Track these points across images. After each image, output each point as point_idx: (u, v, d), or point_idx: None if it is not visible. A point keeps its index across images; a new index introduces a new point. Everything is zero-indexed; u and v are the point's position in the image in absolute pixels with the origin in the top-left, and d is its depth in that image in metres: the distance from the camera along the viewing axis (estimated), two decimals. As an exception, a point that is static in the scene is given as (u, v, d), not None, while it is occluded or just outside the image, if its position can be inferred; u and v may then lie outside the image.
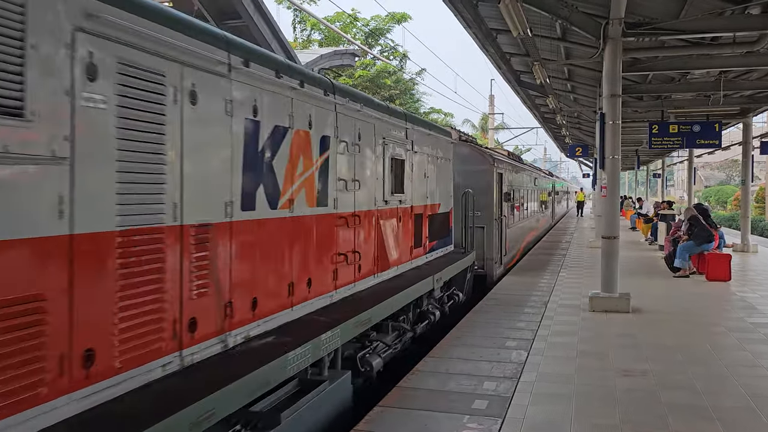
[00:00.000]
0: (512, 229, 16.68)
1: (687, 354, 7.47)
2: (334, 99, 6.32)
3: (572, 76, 17.28)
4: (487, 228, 13.16)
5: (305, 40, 34.16)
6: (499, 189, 14.17)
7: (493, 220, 13.40)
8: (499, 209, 14.27)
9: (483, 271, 13.16)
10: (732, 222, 34.96)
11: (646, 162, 43.37)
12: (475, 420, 5.34)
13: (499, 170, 14.27)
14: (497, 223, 13.95)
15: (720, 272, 13.18)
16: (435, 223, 10.07)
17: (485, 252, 13.26)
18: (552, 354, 7.45)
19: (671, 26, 10.42)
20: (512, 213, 16.76)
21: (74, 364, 3.12)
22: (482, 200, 12.79)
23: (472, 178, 12.62)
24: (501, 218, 14.36)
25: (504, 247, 14.97)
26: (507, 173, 15.61)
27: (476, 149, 14.21)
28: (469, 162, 13.11)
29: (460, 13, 11.49)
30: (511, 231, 16.48)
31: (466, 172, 12.63)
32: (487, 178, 13.36)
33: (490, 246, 13.39)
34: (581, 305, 10.38)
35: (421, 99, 40.12)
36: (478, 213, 12.26)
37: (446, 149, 11.00)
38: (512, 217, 16.77)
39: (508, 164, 16.24)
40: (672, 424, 5.24)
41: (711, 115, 18.17)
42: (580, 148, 29.28)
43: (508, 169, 15.83)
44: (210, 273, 4.28)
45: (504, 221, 14.75)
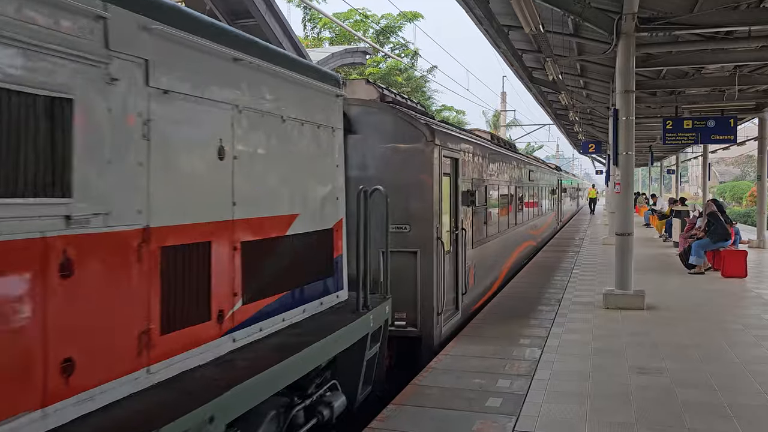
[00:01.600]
0: (482, 248, 10.67)
1: (703, 351, 7.40)
2: None
3: (585, 72, 17.18)
4: (422, 254, 7.52)
5: (315, 38, 34.21)
6: (453, 185, 8.64)
7: (434, 240, 7.59)
8: (454, 219, 8.69)
9: (416, 330, 7.53)
10: (747, 218, 34.65)
11: (660, 158, 43.01)
12: (490, 418, 5.33)
13: (449, 153, 8.41)
14: (447, 244, 8.31)
15: (736, 269, 13.05)
16: (281, 256, 4.81)
17: (419, 296, 7.52)
18: (566, 351, 7.42)
19: (685, 21, 10.32)
20: (483, 223, 10.83)
21: None
22: (412, 205, 7.51)
23: (396, 167, 7.53)
24: (457, 234, 8.76)
25: (465, 281, 9.14)
26: (469, 160, 9.64)
27: (403, 117, 7.75)
28: (391, 138, 7.63)
29: (471, 10, 11.44)
30: (481, 252, 10.48)
31: (386, 157, 7.57)
32: (420, 167, 7.58)
33: (429, 285, 7.55)
34: (595, 302, 10.32)
35: (433, 96, 40.07)
36: (403, 227, 7.48)
37: (326, 110, 5.58)
38: (482, 229, 10.75)
39: (470, 146, 9.88)
40: (688, 423, 5.20)
41: (726, 111, 17.98)
42: (594, 145, 29.17)
43: (470, 154, 9.77)
44: None
45: (464, 238, 9.04)
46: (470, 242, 9.53)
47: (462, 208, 8.99)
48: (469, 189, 9.43)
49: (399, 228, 7.42)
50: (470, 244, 9.53)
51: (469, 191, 9.37)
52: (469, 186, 9.50)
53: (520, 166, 16.16)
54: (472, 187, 9.73)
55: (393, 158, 7.59)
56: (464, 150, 9.33)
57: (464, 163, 9.23)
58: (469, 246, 9.42)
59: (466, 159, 9.36)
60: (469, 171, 9.66)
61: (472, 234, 9.67)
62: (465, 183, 9.27)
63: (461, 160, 9.01)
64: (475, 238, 9.94)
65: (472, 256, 9.66)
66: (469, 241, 9.46)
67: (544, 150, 76.45)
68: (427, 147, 7.60)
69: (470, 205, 9.40)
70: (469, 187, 9.49)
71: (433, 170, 7.61)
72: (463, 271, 9.05)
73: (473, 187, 9.78)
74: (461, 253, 8.92)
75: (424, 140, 7.59)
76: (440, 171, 7.81)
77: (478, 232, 10.40)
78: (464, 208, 9.13)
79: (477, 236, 10.16)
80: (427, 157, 7.60)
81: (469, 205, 9.32)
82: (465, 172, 9.29)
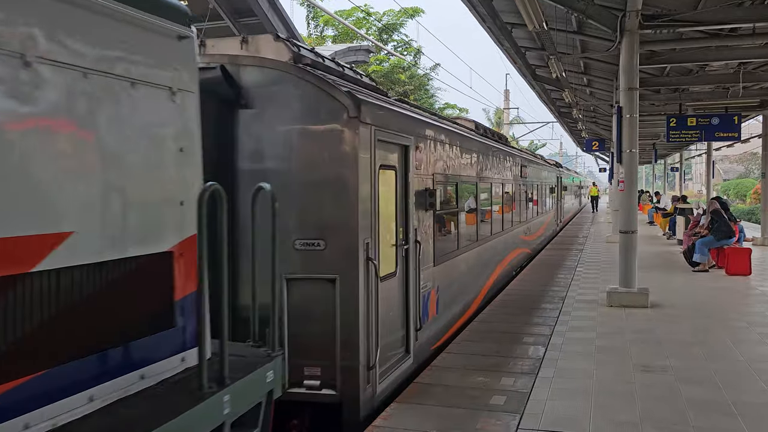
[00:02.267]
0: (451, 264, 8.34)
1: (707, 349, 7.39)
2: None
3: (588, 69, 17.13)
4: (343, 281, 5.31)
5: (318, 36, 34.21)
6: (401, 183, 6.42)
7: (362, 260, 5.39)
8: (403, 229, 6.47)
9: (333, 393, 5.35)
10: (752, 215, 34.58)
11: (664, 156, 42.91)
12: (494, 416, 5.33)
13: (394, 139, 6.20)
14: (391, 263, 6.21)
15: (740, 266, 13.02)
16: (30, 306, 2.67)
17: (338, 344, 5.33)
18: (570, 349, 7.41)
19: (689, 18, 10.28)
20: (452, 231, 8.74)
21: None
22: (328, 211, 5.37)
23: (305, 157, 5.41)
24: (407, 249, 6.51)
25: (421, 313, 6.82)
26: (431, 150, 7.45)
27: (316, 83, 5.46)
28: (299, 114, 5.45)
29: (474, 8, 11.41)
30: (449, 269, 8.20)
31: (291, 142, 5.45)
32: (339, 156, 5.37)
33: (352, 327, 5.35)
34: (599, 300, 10.30)
35: (436, 94, 40.05)
36: (315, 244, 5.32)
37: (154, 58, 3.44)
38: (452, 239, 8.61)
39: (433, 132, 7.67)
40: (693, 420, 5.19)
41: (730, 108, 17.89)
42: (597, 142, 29.08)
43: (433, 143, 7.57)
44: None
45: (419, 254, 6.71)
46: (430, 258, 7.20)
47: (416, 213, 6.64)
48: (429, 188, 7.09)
49: (309, 244, 5.23)
50: (430, 260, 7.20)
51: (429, 191, 7.03)
52: (429, 184, 7.16)
53: (511, 161, 13.90)
54: (435, 185, 7.41)
55: (301, 144, 5.33)
56: (421, 136, 7.03)
57: (422, 153, 6.96)
58: (428, 263, 7.09)
59: (425, 148, 7.11)
60: (431, 164, 7.36)
61: (433, 247, 7.32)
62: (423, 180, 6.93)
63: (416, 149, 6.72)
64: (439, 253, 7.56)
65: (434, 276, 7.33)
66: (428, 257, 7.14)
67: (548, 148, 76.45)
68: (350, 127, 5.23)
69: (430, 208, 7.06)
70: (429, 186, 7.17)
71: (359, 161, 5.26)
72: (417, 300, 6.61)
73: (436, 185, 7.48)
74: (414, 274, 6.52)
75: (344, 117, 5.23)
76: (374, 162, 5.52)
77: (445, 243, 8.05)
78: (421, 213, 6.81)
79: (442, 249, 7.78)
80: (350, 141, 5.24)
81: (428, 208, 6.99)
82: (424, 165, 7.03)
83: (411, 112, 7.47)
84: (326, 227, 5.30)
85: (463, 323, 8.96)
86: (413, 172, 6.64)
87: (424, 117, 7.96)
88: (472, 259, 9.82)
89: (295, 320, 5.19)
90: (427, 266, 7.13)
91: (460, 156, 9.02)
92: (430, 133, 7.51)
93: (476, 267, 10.19)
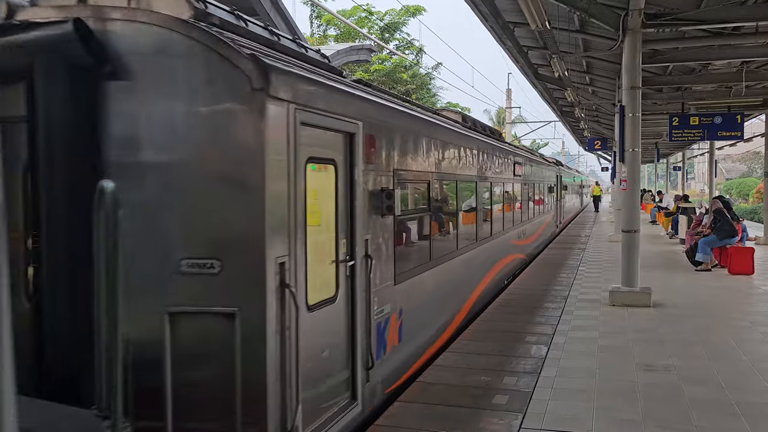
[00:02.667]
0: (418, 281, 6.85)
1: (710, 349, 7.38)
2: None
3: (591, 68, 17.12)
4: (245, 317, 3.81)
5: (321, 36, 34.24)
6: (344, 181, 5.06)
7: (273, 287, 3.88)
8: (347, 240, 5.11)
9: None
10: (754, 215, 34.49)
11: (666, 155, 42.90)
12: (496, 415, 5.33)
13: (330, 123, 4.73)
14: (329, 287, 4.83)
15: (743, 266, 13.00)
16: None
17: (238, 402, 3.79)
18: (572, 349, 7.40)
19: (692, 16, 10.27)
20: (421, 240, 7.21)
21: None
22: (224, 220, 3.87)
23: (194, 146, 3.91)
24: (353, 266, 5.09)
25: (374, 347, 5.42)
26: (390, 140, 6.03)
27: (211, 45, 3.84)
28: (187, 88, 3.90)
29: (477, 7, 11.41)
30: (415, 287, 6.74)
31: (175, 125, 3.92)
32: (238, 145, 3.85)
33: (258, 376, 3.84)
34: (601, 300, 10.30)
35: (438, 93, 40.05)
36: (205, 265, 3.86)
37: None
38: (419, 251, 7.10)
39: (394, 117, 6.32)
40: (696, 420, 5.19)
41: (732, 107, 17.88)
42: (599, 142, 29.08)
43: (393, 132, 6.15)
44: None
45: (370, 271, 5.32)
46: (389, 275, 5.83)
47: (368, 220, 5.31)
48: (387, 188, 5.69)
49: (200, 266, 3.83)
50: (389, 278, 5.83)
51: (386, 191, 5.62)
52: (387, 183, 5.78)
53: (504, 159, 12.40)
54: (396, 184, 6.02)
55: (189, 128, 3.89)
56: (376, 122, 5.55)
57: (377, 143, 5.55)
58: (385, 281, 5.71)
59: (383, 138, 5.70)
60: (392, 158, 5.96)
61: (394, 261, 5.92)
62: (378, 177, 5.57)
63: (368, 139, 5.31)
64: (402, 268, 6.18)
65: (395, 297, 5.97)
66: (387, 275, 5.78)
67: (550, 147, 76.39)
68: (254, 104, 3.79)
69: (388, 213, 5.64)
70: (388, 185, 5.77)
71: (268, 150, 3.81)
72: (368, 330, 5.23)
73: (398, 184, 6.11)
74: (363, 298, 5.14)
75: (245, 90, 3.77)
76: (295, 153, 4.08)
77: (411, 256, 6.71)
78: (376, 219, 5.47)
79: (406, 264, 6.35)
80: (253, 124, 3.79)
81: (385, 213, 5.61)
82: (380, 159, 5.65)
83: (361, 91, 5.67)
84: (223, 242, 3.81)
85: (441, 346, 7.65)
86: (362, 167, 5.17)
87: (383, 100, 6.27)
88: (450, 272, 8.23)
89: (181, 369, 3.77)
90: (384, 285, 5.65)
91: (435, 150, 7.54)
92: (390, 120, 6.05)
93: (456, 281, 8.60)
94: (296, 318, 4.06)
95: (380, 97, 6.28)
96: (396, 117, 6.37)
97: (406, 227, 6.65)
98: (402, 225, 6.38)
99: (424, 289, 7.11)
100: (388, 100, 6.62)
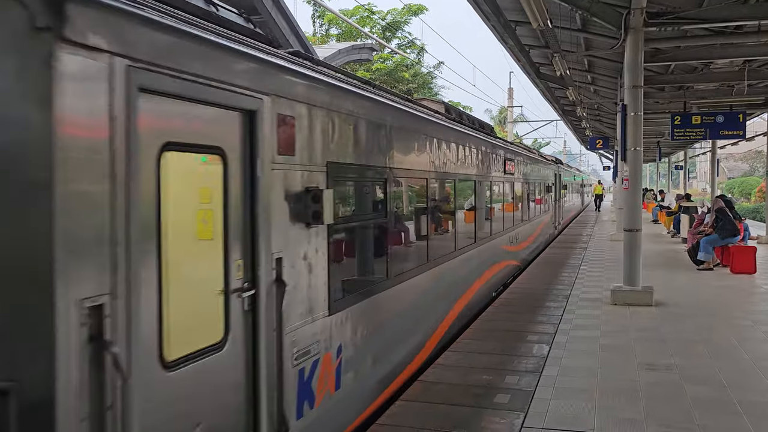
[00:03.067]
0: (366, 308, 5.36)
1: (712, 348, 7.37)
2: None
3: (592, 67, 17.10)
4: (22, 393, 2.42)
5: (323, 35, 34.25)
6: (243, 179, 3.66)
7: (77, 352, 2.50)
8: (246, 260, 3.69)
9: None
10: (756, 214, 34.46)
11: (668, 154, 42.83)
12: (498, 414, 5.32)
13: (195, 92, 3.19)
14: (217, 330, 3.47)
15: (745, 265, 12.99)
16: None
17: None
18: (574, 348, 7.39)
19: (694, 15, 10.25)
20: (373, 254, 5.98)
21: None
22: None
23: None
24: (253, 296, 3.70)
25: (280, 407, 3.87)
26: (325, 122, 4.63)
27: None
28: None
29: (478, 6, 11.39)
30: (359, 317, 5.18)
31: None
32: (6, 114, 2.45)
33: None
34: (603, 299, 10.29)
35: (440, 92, 40.01)
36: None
37: None
38: (370, 267, 5.95)
39: (311, 84, 4.47)
40: (698, 419, 5.18)
41: (734, 106, 17.85)
42: (601, 141, 29.08)
43: (316, 105, 4.47)
44: None
45: (282, 302, 3.91)
46: (318, 304, 4.46)
47: (283, 231, 4.02)
48: (313, 187, 4.33)
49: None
50: (319, 307, 4.46)
51: (312, 192, 4.28)
52: (316, 180, 4.44)
53: (493, 155, 10.95)
54: (330, 182, 4.63)
55: None
56: (294, 98, 4.20)
57: (296, 127, 4.19)
58: (314, 312, 4.40)
59: (307, 119, 4.33)
60: (325, 148, 4.61)
61: (327, 285, 4.58)
62: (300, 174, 4.24)
63: (278, 120, 3.97)
64: (339, 293, 4.85)
65: (330, 331, 4.64)
66: (316, 303, 4.43)
67: (551, 146, 76.34)
68: (36, 54, 2.44)
69: (315, 222, 4.31)
70: (315, 183, 4.41)
71: (59, 127, 2.46)
72: (277, 382, 3.87)
73: (333, 183, 4.68)
74: (269, 339, 3.81)
75: (25, 30, 2.44)
76: (129, 134, 2.76)
77: (351, 277, 5.38)
78: (295, 231, 4.17)
79: (347, 286, 5.08)
80: (38, 84, 2.45)
81: (311, 223, 4.31)
82: (304, 148, 4.30)
83: (273, 56, 4.14)
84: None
85: (404, 383, 6.30)
86: (271, 159, 3.85)
87: (313, 71, 4.67)
88: (416, 291, 6.76)
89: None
90: (311, 318, 4.36)
91: (397, 140, 6.14)
92: (323, 98, 4.59)
93: (424, 302, 7.03)
94: (123, 392, 2.69)
95: (307, 68, 4.61)
96: (334, 95, 4.78)
97: (347, 239, 5.31)
98: (341, 237, 5.06)
99: (378, 317, 5.63)
100: (326, 74, 4.96)
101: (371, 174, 5.59)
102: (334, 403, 4.66)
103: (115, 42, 2.68)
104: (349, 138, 5.04)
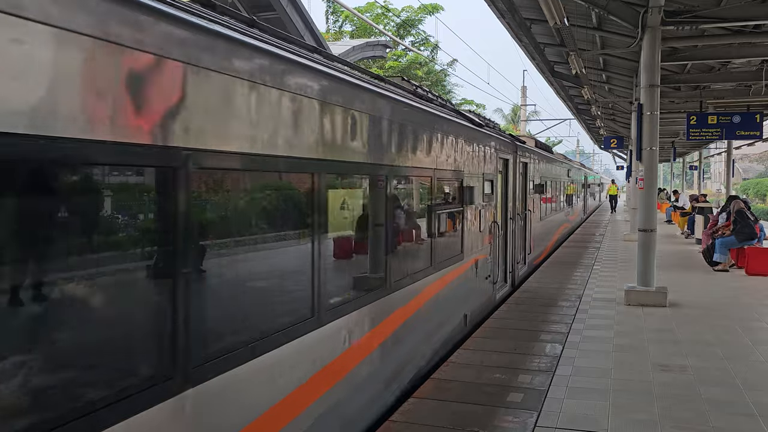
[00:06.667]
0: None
1: (726, 349, 7.31)
2: None
3: (607, 66, 16.99)
4: None
5: (338, 31, 34.26)
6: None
7: None
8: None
9: None
10: (772, 215, 34.13)
11: (683, 154, 42.49)
12: (511, 413, 5.32)
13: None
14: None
15: (761, 266, 12.88)
16: None
17: None
18: (587, 348, 7.37)
19: (712, 14, 10.16)
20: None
21: None
22: None
23: None
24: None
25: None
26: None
27: None
28: None
29: (494, 3, 11.36)
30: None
31: None
32: None
33: None
34: (616, 299, 10.24)
35: (453, 90, 39.92)
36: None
37: None
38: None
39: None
40: (712, 421, 5.15)
41: (752, 106, 17.68)
42: (615, 140, 28.88)
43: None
44: None
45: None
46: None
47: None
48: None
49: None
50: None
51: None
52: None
53: (476, 145, 8.67)
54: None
55: None
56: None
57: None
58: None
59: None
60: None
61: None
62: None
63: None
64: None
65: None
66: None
67: (564, 145, 75.87)
68: None
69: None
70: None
71: None
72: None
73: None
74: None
75: None
76: None
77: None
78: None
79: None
80: None
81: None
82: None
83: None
84: None
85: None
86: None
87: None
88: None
89: None
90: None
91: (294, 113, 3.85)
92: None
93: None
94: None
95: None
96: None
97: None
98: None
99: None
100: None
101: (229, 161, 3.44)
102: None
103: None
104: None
